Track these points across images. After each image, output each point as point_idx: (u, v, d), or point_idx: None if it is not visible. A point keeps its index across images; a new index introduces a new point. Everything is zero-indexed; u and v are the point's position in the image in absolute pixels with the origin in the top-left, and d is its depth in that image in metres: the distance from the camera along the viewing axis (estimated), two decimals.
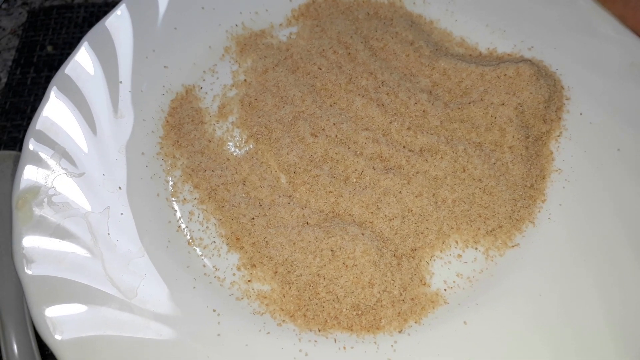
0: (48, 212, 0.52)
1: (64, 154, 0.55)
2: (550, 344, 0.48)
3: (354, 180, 0.57)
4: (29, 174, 0.54)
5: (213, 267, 0.54)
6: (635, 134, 0.58)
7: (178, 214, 0.57)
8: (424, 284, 0.53)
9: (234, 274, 0.54)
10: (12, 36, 0.82)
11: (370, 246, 0.51)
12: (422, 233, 0.55)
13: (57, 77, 0.59)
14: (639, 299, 0.49)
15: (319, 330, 0.50)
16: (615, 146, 0.58)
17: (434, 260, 0.55)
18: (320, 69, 0.65)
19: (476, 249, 0.55)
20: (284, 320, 0.51)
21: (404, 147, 0.59)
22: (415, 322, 0.50)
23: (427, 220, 0.55)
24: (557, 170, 0.58)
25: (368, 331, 0.50)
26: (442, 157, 0.57)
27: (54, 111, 0.57)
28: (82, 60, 0.61)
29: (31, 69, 0.78)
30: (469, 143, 0.59)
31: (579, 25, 0.65)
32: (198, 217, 0.57)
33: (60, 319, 0.47)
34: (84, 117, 0.58)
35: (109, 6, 0.83)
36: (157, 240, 0.54)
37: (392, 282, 0.51)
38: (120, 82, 0.61)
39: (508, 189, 0.56)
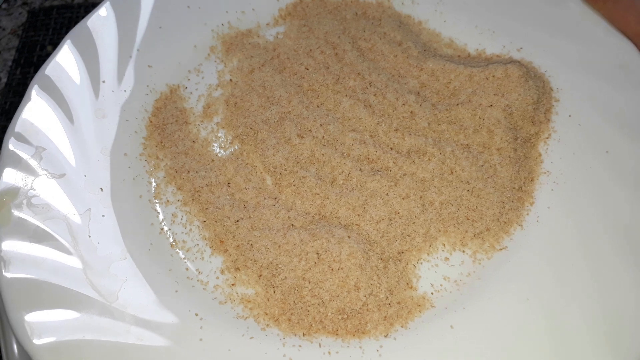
0: (27, 213, 0.51)
1: (44, 155, 0.54)
2: (538, 348, 0.47)
3: (341, 182, 0.57)
4: (8, 175, 0.53)
5: (196, 270, 0.53)
6: (624, 137, 0.57)
7: (161, 216, 0.56)
8: (411, 288, 0.52)
9: (217, 278, 0.53)
10: (12, 36, 0.82)
11: (356, 249, 0.50)
12: (409, 236, 0.54)
13: (38, 77, 0.58)
14: (628, 302, 0.48)
15: (304, 335, 0.49)
16: (604, 148, 0.57)
17: (421, 263, 0.54)
18: (308, 69, 0.64)
19: (463, 252, 0.54)
20: (267, 325, 0.50)
21: (391, 148, 0.58)
22: (402, 326, 0.50)
23: (414, 222, 0.54)
24: (545, 173, 0.57)
25: (353, 335, 0.49)
26: (429, 159, 0.57)
27: (35, 111, 0.56)
28: (64, 59, 0.60)
29: (31, 69, 0.78)
30: (456, 145, 0.58)
31: (568, 27, 0.65)
32: (181, 219, 0.56)
33: (38, 323, 0.46)
34: (66, 118, 0.57)
35: None
36: (139, 243, 0.53)
37: (378, 285, 0.50)
38: (103, 81, 0.60)
39: (496, 191, 0.55)
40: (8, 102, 0.75)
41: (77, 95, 0.58)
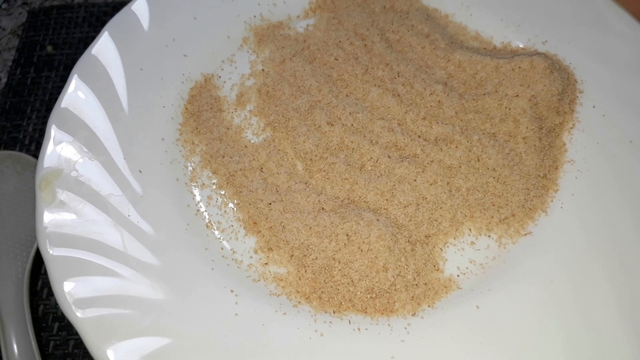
0: (70, 193, 0.53)
1: (86, 138, 0.57)
2: (561, 330, 0.48)
3: (369, 168, 0.58)
4: (52, 156, 0.55)
5: (231, 249, 0.55)
6: None
7: (197, 198, 0.58)
8: (437, 270, 0.54)
9: (251, 257, 0.55)
10: (12, 36, 0.82)
11: (385, 232, 0.52)
12: (436, 220, 0.56)
13: (81, 61, 0.60)
14: None
15: (334, 312, 0.51)
16: (628, 138, 0.58)
17: (448, 246, 0.55)
18: (337, 59, 0.66)
19: (489, 236, 0.56)
20: (299, 302, 0.52)
21: (419, 136, 0.60)
22: (429, 306, 0.51)
23: (441, 207, 0.56)
24: (569, 161, 0.59)
25: (382, 314, 0.51)
26: (456, 147, 0.58)
27: (76, 96, 0.58)
28: (105, 47, 0.62)
29: (31, 69, 0.78)
30: (483, 133, 0.60)
31: (592, 20, 0.66)
32: (216, 201, 0.58)
33: (81, 297, 0.48)
34: (106, 102, 0.59)
35: (109, 6, 0.84)
36: (176, 223, 0.55)
37: (406, 266, 0.52)
38: (141, 69, 0.63)
39: (521, 178, 0.57)
40: (8, 102, 0.75)
41: (117, 82, 0.61)
